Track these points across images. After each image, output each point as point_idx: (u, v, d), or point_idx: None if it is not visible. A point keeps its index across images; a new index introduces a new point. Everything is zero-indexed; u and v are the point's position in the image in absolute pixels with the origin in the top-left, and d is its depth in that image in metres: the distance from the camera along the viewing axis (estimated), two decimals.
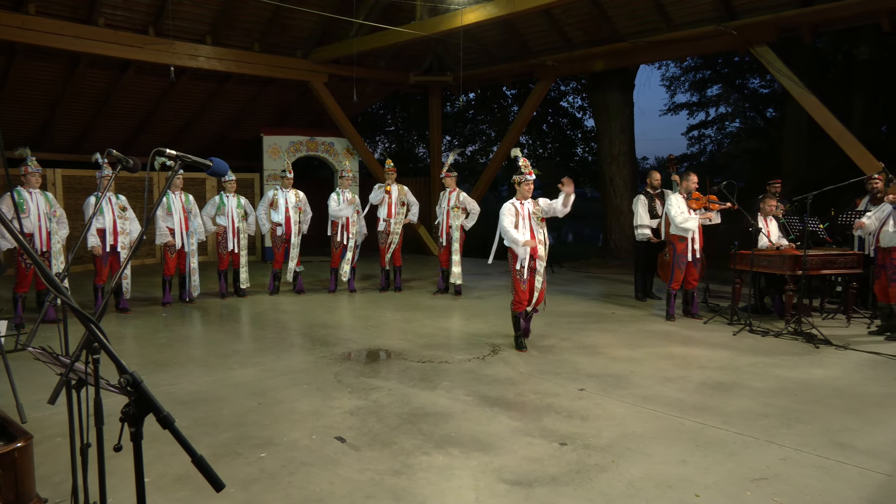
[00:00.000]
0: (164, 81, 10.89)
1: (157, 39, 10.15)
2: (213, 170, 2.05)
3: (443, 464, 3.30)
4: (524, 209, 5.75)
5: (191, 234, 7.84)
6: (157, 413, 1.41)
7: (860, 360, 5.43)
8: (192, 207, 7.90)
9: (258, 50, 11.38)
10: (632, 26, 10.40)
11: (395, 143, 22.39)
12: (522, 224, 5.69)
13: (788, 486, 3.06)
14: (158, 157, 1.97)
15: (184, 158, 1.97)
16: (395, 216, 8.76)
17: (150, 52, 10.13)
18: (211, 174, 2.10)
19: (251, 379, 4.81)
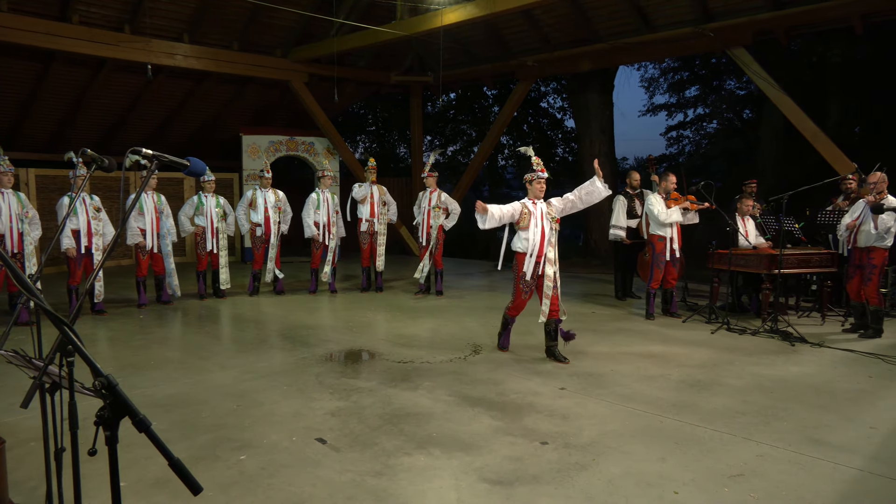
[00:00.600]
0: (141, 80, 10.74)
1: (133, 37, 10.01)
2: (190, 169, 2.02)
3: (424, 464, 3.30)
4: (537, 209, 5.38)
5: (163, 235, 7.74)
6: (133, 416, 1.39)
7: (834, 357, 5.53)
8: (163, 208, 7.80)
9: (237, 49, 11.27)
10: (611, 27, 10.48)
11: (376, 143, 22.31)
12: (535, 224, 5.30)
13: (765, 481, 3.10)
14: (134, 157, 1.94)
15: (160, 158, 1.95)
16: (379, 216, 8.76)
17: (125, 50, 9.98)
18: (188, 174, 2.07)
19: (230, 381, 4.76)
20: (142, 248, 7.60)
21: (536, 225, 5.30)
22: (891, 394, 4.52)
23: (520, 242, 5.38)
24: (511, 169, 22.89)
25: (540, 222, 5.31)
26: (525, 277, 5.37)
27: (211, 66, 11.05)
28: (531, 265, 5.31)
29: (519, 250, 5.39)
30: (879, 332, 6.23)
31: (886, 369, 5.13)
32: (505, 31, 11.78)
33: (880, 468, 3.22)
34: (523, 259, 5.35)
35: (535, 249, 5.29)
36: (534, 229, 5.29)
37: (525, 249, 5.33)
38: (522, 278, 5.38)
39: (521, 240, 5.36)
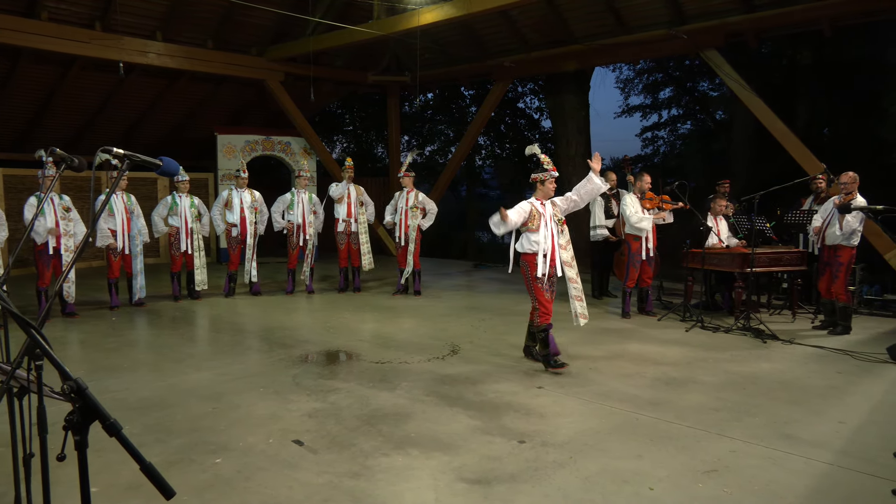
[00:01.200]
0: (113, 78, 10.55)
1: (105, 34, 9.82)
2: (163, 169, 1.99)
3: (402, 464, 3.29)
4: (546, 210, 5.16)
5: (133, 235, 7.61)
6: (103, 420, 1.36)
7: (805, 353, 5.65)
8: (134, 208, 7.67)
9: (212, 47, 11.13)
10: (587, 29, 10.56)
11: (353, 143, 22.20)
12: (545, 227, 5.08)
13: (738, 476, 3.15)
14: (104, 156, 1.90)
15: (132, 158, 1.91)
16: (356, 216, 8.72)
17: (96, 48, 9.78)
18: (161, 174, 2.04)
19: (206, 383, 4.70)
20: (113, 250, 7.47)
21: (546, 226, 5.10)
22: (859, 389, 4.63)
23: (528, 244, 5.12)
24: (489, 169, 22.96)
25: (549, 223, 5.13)
26: (542, 277, 5.08)
27: (185, 65, 10.90)
28: (546, 266, 5.07)
29: (528, 251, 5.13)
30: (848, 329, 6.37)
31: (855, 365, 5.25)
32: (482, 32, 11.81)
33: (849, 462, 3.29)
34: (534, 259, 5.09)
35: (547, 251, 5.07)
36: (544, 231, 5.08)
37: (535, 250, 5.09)
38: (538, 279, 5.08)
39: (531, 242, 5.10)
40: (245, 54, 11.57)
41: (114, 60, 9.80)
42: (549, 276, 5.12)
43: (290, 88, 12.26)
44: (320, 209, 8.82)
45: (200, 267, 8.17)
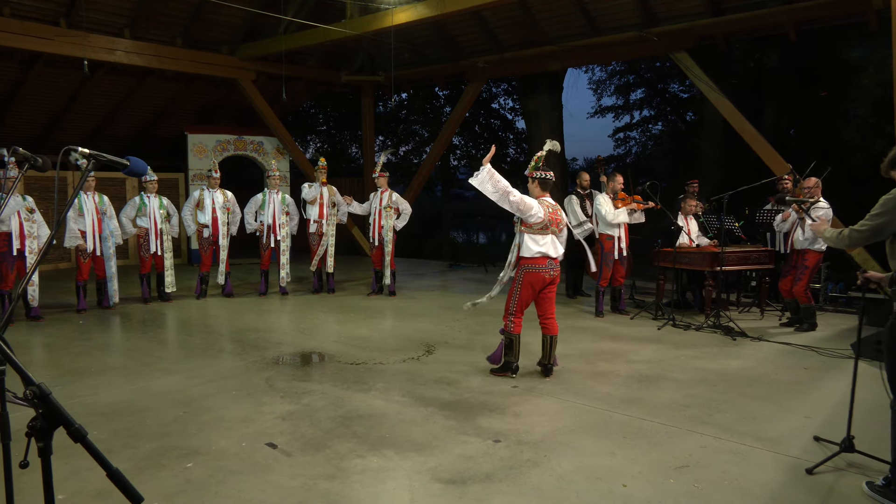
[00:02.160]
0: (79, 76, 10.31)
1: (70, 31, 9.59)
2: (130, 169, 1.96)
3: (377, 466, 3.28)
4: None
5: (105, 237, 7.45)
6: (68, 426, 1.33)
7: (772, 350, 5.77)
8: (106, 209, 7.51)
9: (181, 45, 10.95)
10: (559, 30, 10.65)
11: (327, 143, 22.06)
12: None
13: (708, 472, 3.21)
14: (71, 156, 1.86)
15: (98, 157, 1.87)
16: (328, 217, 8.66)
17: (61, 45, 9.56)
18: (128, 174, 2.00)
19: (177, 387, 4.63)
20: (83, 251, 7.30)
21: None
22: (824, 384, 4.75)
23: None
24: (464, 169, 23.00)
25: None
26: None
27: (153, 63, 10.71)
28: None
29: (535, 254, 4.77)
30: (814, 326, 6.53)
31: (820, 361, 5.38)
32: (455, 32, 11.83)
33: (814, 456, 3.37)
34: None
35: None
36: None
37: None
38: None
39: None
40: (216, 53, 11.41)
41: (79, 58, 9.59)
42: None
43: (262, 87, 12.13)
44: (294, 210, 8.73)
45: (170, 268, 8.04)
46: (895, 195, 2.97)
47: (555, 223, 4.79)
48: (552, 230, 4.79)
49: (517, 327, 4.87)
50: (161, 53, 10.71)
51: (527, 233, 4.79)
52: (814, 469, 3.17)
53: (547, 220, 4.73)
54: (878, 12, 8.01)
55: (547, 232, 4.76)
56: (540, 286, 4.82)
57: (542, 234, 4.76)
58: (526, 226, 4.77)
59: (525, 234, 4.80)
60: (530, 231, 4.77)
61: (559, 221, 4.84)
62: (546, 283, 4.84)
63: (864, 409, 3.97)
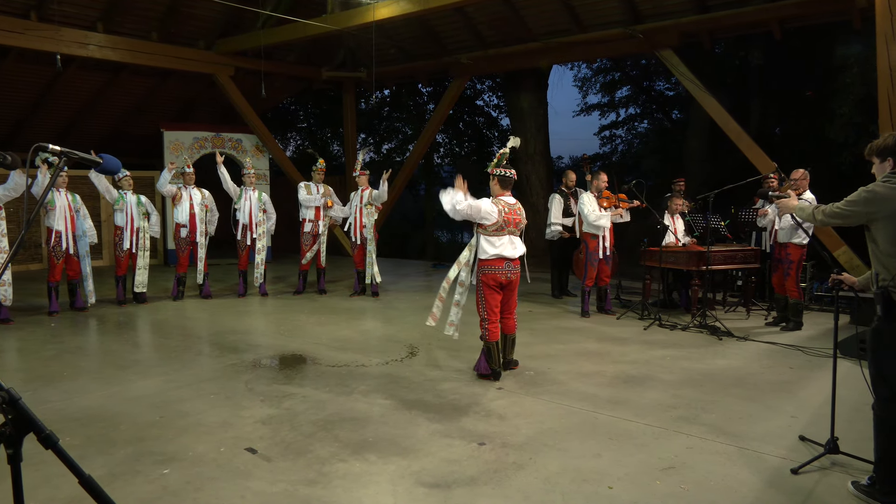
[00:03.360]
0: (50, 71, 10.17)
1: (41, 25, 9.45)
2: (103, 167, 1.93)
3: (360, 470, 3.27)
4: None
5: (79, 236, 7.35)
6: (38, 432, 1.31)
7: (758, 349, 5.85)
8: (79, 207, 7.41)
9: (156, 39, 10.83)
10: (544, 27, 10.70)
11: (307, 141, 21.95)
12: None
13: (694, 473, 3.24)
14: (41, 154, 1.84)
15: (69, 155, 1.85)
16: (323, 217, 8.64)
17: (32, 39, 9.41)
18: (101, 172, 1.98)
19: (152, 391, 4.58)
20: (55, 252, 7.19)
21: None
22: (810, 384, 4.82)
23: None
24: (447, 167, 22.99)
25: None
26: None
27: (127, 58, 10.58)
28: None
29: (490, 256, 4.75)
30: (799, 325, 6.62)
31: (806, 360, 5.46)
32: (439, 28, 11.82)
33: (800, 456, 3.42)
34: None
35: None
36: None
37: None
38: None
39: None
40: (192, 47, 11.31)
41: (51, 52, 9.45)
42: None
43: (240, 83, 12.04)
44: (271, 209, 8.68)
45: (142, 268, 7.93)
46: (871, 192, 2.99)
47: (512, 223, 4.77)
48: (509, 230, 4.76)
49: (492, 334, 4.81)
50: (135, 48, 10.58)
51: (482, 234, 4.75)
52: (799, 469, 3.22)
53: (502, 220, 4.70)
54: (861, 11, 8.15)
55: (503, 233, 4.72)
56: (499, 288, 4.82)
57: (498, 235, 4.72)
58: (481, 227, 4.74)
59: (481, 235, 4.76)
60: (485, 233, 4.73)
61: (518, 221, 4.81)
62: (505, 285, 4.83)
63: (849, 407, 4.04)
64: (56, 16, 9.41)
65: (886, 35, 6.99)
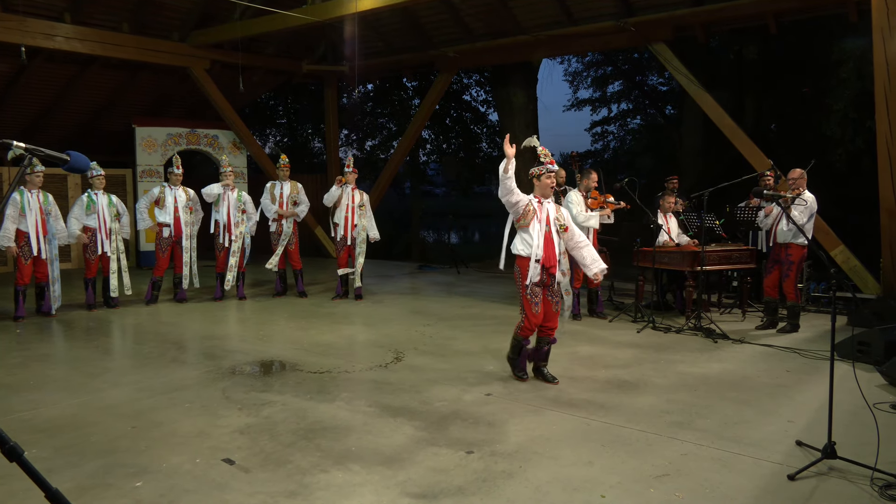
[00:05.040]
0: (15, 64, 10.04)
1: (5, 15, 9.35)
2: (71, 165, 1.92)
3: (342, 481, 3.26)
4: (543, 210, 4.81)
5: (50, 238, 7.27)
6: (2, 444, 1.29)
7: (754, 352, 5.90)
8: (51, 208, 7.33)
9: (127, 31, 10.75)
10: (533, 19, 10.74)
11: (287, 137, 21.87)
12: (539, 228, 4.74)
13: (689, 480, 3.27)
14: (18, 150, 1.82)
15: (35, 152, 1.83)
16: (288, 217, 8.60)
17: None
18: (69, 170, 1.96)
19: (124, 400, 4.54)
20: (24, 253, 7.10)
21: (539, 225, 4.75)
22: (807, 387, 4.87)
23: (521, 244, 4.80)
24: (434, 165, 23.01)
25: (544, 226, 4.77)
26: (532, 284, 4.77)
27: (97, 50, 10.49)
28: (536, 270, 4.74)
29: (521, 254, 4.80)
30: (796, 327, 6.69)
31: (803, 363, 5.53)
32: (424, 20, 11.83)
33: (797, 461, 3.46)
34: (527, 264, 4.76)
35: (539, 253, 4.73)
36: (537, 229, 4.74)
37: (528, 253, 4.76)
38: (529, 287, 4.78)
39: (523, 242, 4.79)
40: (166, 39, 11.24)
41: (15, 44, 9.33)
42: (540, 282, 4.80)
43: (216, 77, 11.97)
44: (251, 209, 8.64)
45: (119, 271, 7.85)
46: None
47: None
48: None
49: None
50: (105, 40, 10.49)
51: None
52: (796, 475, 3.26)
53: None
54: (857, 4, 8.27)
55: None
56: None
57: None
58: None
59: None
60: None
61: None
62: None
63: (845, 411, 4.09)
64: (20, 5, 9.31)
65: (882, 28, 7.10)
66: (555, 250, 4.79)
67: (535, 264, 4.72)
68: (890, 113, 7.15)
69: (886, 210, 7.38)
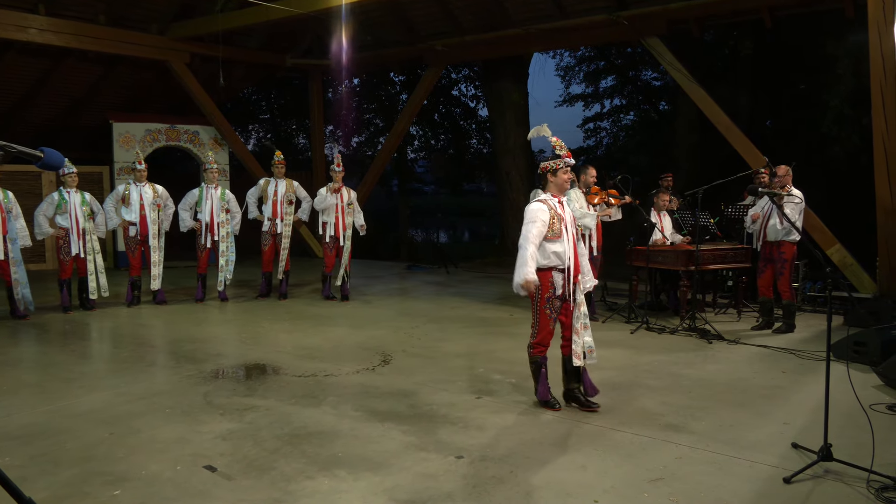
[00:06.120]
0: None
1: None
2: (44, 162, 1.90)
3: (328, 487, 3.25)
4: (565, 211, 4.36)
5: (12, 238, 7.18)
6: None
7: (749, 353, 5.95)
8: (11, 207, 7.24)
9: (104, 23, 10.66)
10: (524, 12, 10.76)
11: (270, 133, 21.79)
12: (565, 233, 4.29)
13: (684, 484, 3.29)
14: None
15: (6, 148, 1.81)
16: (283, 215, 8.52)
17: None
18: (42, 167, 1.95)
19: (101, 405, 4.51)
20: None
21: (567, 230, 4.30)
22: (803, 388, 4.92)
23: (542, 256, 4.27)
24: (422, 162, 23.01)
25: (571, 228, 4.33)
26: (554, 296, 4.31)
27: (72, 43, 10.40)
28: (560, 281, 4.30)
29: (543, 266, 4.27)
30: (792, 327, 6.75)
31: (798, 364, 5.57)
32: (412, 13, 11.82)
33: (793, 464, 3.49)
34: (549, 276, 4.28)
35: (569, 262, 4.30)
36: (566, 237, 4.28)
37: (551, 265, 4.28)
38: (549, 300, 4.30)
39: (549, 253, 4.26)
40: (144, 32, 11.17)
41: None
42: (563, 294, 4.34)
43: (197, 71, 11.91)
44: (235, 207, 8.59)
45: (95, 272, 7.79)
46: None
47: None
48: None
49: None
50: (81, 32, 10.40)
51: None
52: (791, 478, 3.28)
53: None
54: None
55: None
56: None
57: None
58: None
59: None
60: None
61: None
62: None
63: (841, 413, 4.13)
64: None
65: (879, 23, 7.16)
66: (578, 254, 4.39)
67: (559, 274, 4.29)
68: (886, 109, 7.23)
69: (882, 208, 7.46)
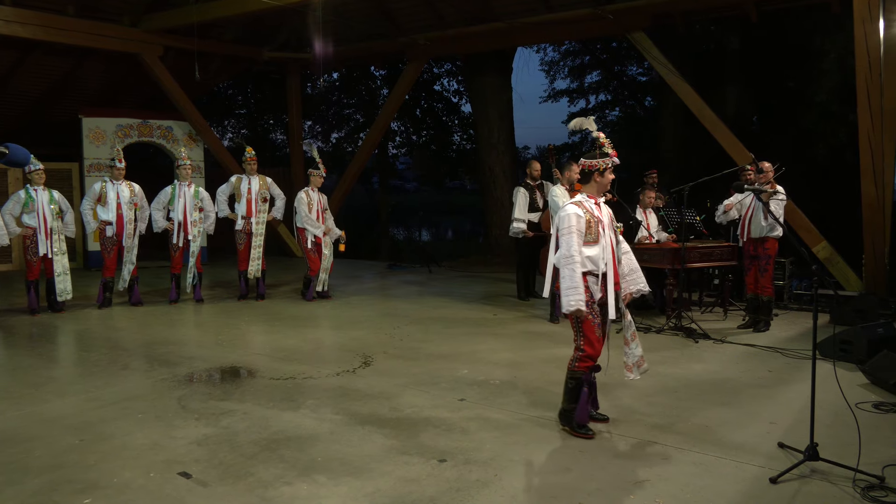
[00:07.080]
0: None
1: None
2: (9, 158, 1.87)
3: (308, 493, 3.24)
4: (604, 212, 4.09)
5: None
6: None
7: (736, 352, 6.02)
8: None
9: (73, 14, 10.51)
10: (508, 6, 10.77)
11: (247, 129, 21.64)
12: (602, 236, 4.02)
13: (670, 485, 3.32)
14: None
15: None
16: (257, 214, 8.48)
17: None
18: (7, 164, 1.92)
19: (71, 411, 4.46)
20: None
21: (604, 233, 4.02)
22: (789, 388, 4.98)
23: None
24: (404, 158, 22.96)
25: (608, 232, 4.06)
26: (593, 301, 4.03)
27: (40, 35, 10.23)
28: (595, 286, 4.02)
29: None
30: (768, 325, 6.83)
31: (784, 363, 5.65)
32: (393, 5, 11.80)
33: (779, 464, 3.53)
34: (584, 281, 3.96)
35: (607, 268, 4.03)
36: (603, 242, 4.01)
37: (587, 269, 3.98)
38: (590, 305, 3.99)
39: (583, 258, 3.97)
40: (115, 24, 11.02)
41: None
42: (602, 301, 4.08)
43: (170, 65, 11.79)
44: (209, 206, 8.52)
45: (63, 273, 7.69)
46: None
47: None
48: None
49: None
50: (49, 24, 10.25)
51: None
52: (778, 478, 3.33)
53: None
54: None
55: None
56: None
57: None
58: None
59: None
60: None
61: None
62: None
63: (828, 411, 4.19)
64: None
65: (864, 19, 7.27)
66: (616, 259, 4.12)
67: (594, 278, 4.02)
68: (871, 106, 7.34)
69: (868, 205, 7.58)
